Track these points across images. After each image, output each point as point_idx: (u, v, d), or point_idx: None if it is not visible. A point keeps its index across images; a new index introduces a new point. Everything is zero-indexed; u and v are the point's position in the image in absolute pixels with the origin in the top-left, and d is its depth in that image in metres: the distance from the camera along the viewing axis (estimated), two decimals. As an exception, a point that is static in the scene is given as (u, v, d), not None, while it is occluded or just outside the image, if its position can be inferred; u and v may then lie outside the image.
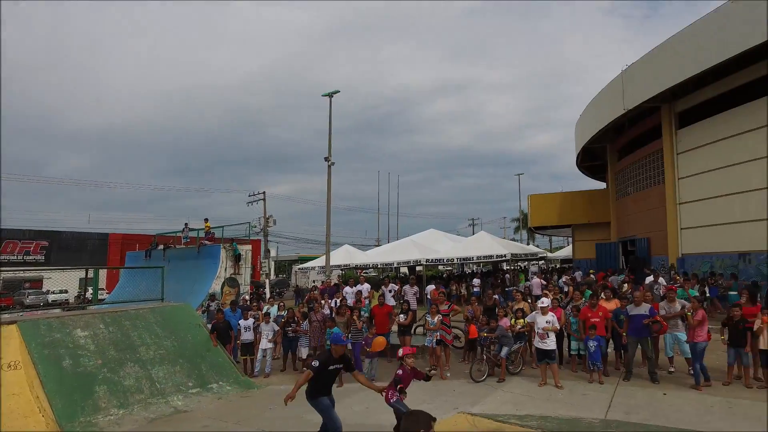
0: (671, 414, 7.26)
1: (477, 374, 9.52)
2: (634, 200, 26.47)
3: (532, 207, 36.21)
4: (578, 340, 9.79)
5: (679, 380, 8.99)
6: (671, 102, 21.16)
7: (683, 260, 20.62)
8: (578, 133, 31.06)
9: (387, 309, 12.11)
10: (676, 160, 21.20)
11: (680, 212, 21.04)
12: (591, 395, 8.36)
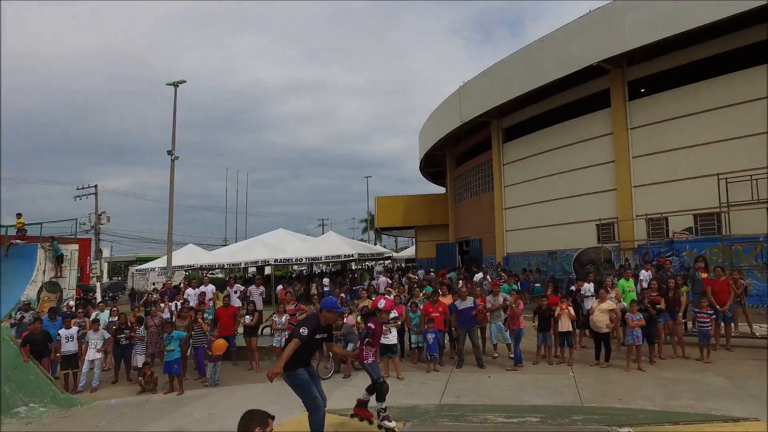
0: (494, 393, 8.26)
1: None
2: (469, 204, 29.27)
3: (379, 209, 37.85)
4: (417, 333, 10.55)
5: (502, 363, 10.24)
6: (499, 118, 23.89)
7: (508, 258, 23.40)
8: (421, 140, 33.36)
9: (232, 310, 11.84)
10: (502, 170, 23.98)
11: (505, 216, 23.85)
12: (429, 383, 9.11)
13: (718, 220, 15.53)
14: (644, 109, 17.73)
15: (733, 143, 15.59)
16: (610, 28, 16.84)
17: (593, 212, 18.81)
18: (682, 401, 7.35)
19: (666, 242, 16.58)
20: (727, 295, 10.36)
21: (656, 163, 17.28)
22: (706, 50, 16.34)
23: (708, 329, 9.69)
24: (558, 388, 8.29)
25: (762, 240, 14.81)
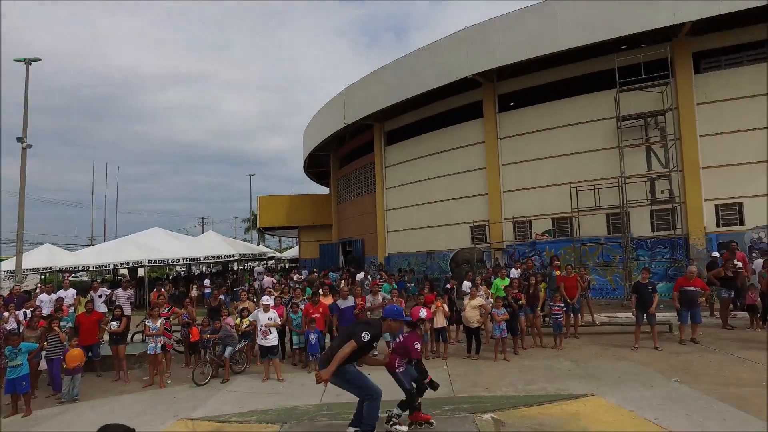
0: (372, 389, 8.54)
1: (200, 377, 9.39)
2: (352, 205, 29.71)
3: (262, 208, 36.95)
4: (299, 334, 10.52)
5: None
6: (382, 122, 24.59)
7: (389, 259, 24.15)
8: (306, 140, 33.18)
9: (95, 317, 10.82)
10: (384, 173, 24.71)
11: (387, 217, 24.60)
12: (309, 384, 9.08)
13: (571, 224, 17.54)
14: (512, 121, 19.41)
15: (582, 156, 17.68)
16: (482, 44, 18.19)
17: (467, 215, 20.18)
18: (538, 385, 8.21)
19: (529, 243, 18.33)
20: (576, 290, 11.76)
21: (522, 171, 19.00)
22: (564, 73, 18.37)
23: (560, 320, 10.94)
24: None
25: (603, 241, 17.02)
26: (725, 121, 16.05)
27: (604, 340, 11.40)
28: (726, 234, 15.65)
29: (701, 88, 16.36)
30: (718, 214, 16.18)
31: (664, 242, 16.58)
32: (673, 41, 16.21)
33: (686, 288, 10.54)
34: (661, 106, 16.25)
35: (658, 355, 9.69)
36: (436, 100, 21.56)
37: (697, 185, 16.09)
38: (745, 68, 16.13)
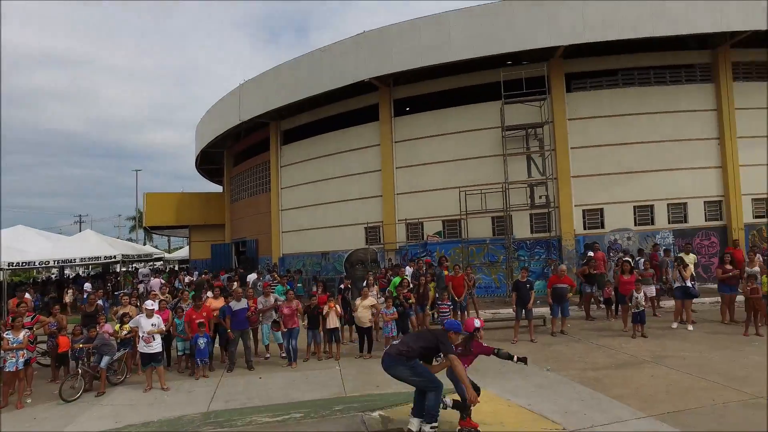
0: (264, 394, 8.40)
1: (69, 393, 8.53)
2: (246, 204, 28.86)
3: (149, 206, 34.65)
4: (185, 340, 10.04)
5: (275, 363, 10.44)
6: (278, 121, 24.18)
7: (284, 259, 23.81)
8: (199, 135, 31.62)
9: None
10: (279, 172, 24.33)
11: (282, 218, 24.24)
12: (197, 391, 8.78)
13: (460, 226, 18.55)
14: (407, 126, 20.07)
15: (470, 162, 18.78)
16: (380, 50, 18.61)
17: (362, 216, 20.52)
18: (427, 381, 8.62)
19: (421, 244, 19.06)
20: (463, 289, 12.49)
21: (415, 174, 19.71)
22: (456, 82, 19.38)
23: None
24: (325, 382, 8.86)
25: (488, 242, 18.22)
26: (590, 136, 18.07)
27: (488, 335, 12.14)
28: (591, 236, 17.56)
29: (572, 106, 18.23)
30: (585, 218, 18.13)
31: (541, 243, 18.16)
32: (550, 62, 17.83)
33: (557, 285, 11.64)
34: (540, 119, 17.78)
35: (534, 347, 10.61)
36: (334, 101, 21.67)
37: (568, 192, 17.84)
38: (604, 91, 18.44)
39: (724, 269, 11.76)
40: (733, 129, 18.10)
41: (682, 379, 7.79)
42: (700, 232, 18.03)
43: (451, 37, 17.42)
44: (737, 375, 7.86)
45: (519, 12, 16.94)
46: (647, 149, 18.01)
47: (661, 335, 10.95)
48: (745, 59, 18.73)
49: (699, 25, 16.32)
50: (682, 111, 18.25)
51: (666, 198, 18.05)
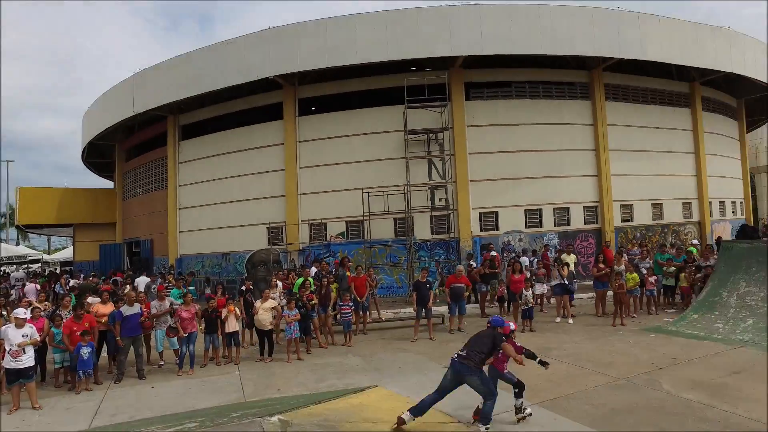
0: (156, 404, 7.95)
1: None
2: (141, 202, 27.04)
3: (23, 201, 31.08)
4: (63, 351, 9.16)
5: (170, 370, 9.92)
6: (177, 115, 22.94)
7: (181, 260, 22.63)
8: (86, 125, 29.03)
9: None
10: (177, 169, 23.09)
11: (180, 216, 23.03)
12: (77, 407, 8.08)
13: (363, 227, 18.82)
14: (312, 126, 19.97)
15: (374, 164, 19.15)
16: (286, 47, 18.35)
17: (265, 216, 20.08)
18: (328, 382, 8.67)
19: (325, 245, 19.07)
20: (365, 289, 12.70)
21: (319, 175, 19.67)
22: (362, 85, 19.67)
23: (350, 318, 11.67)
24: (223, 388, 8.61)
25: (390, 243, 18.69)
26: (487, 143, 19.20)
27: (389, 334, 12.54)
28: (486, 237, 18.64)
29: (470, 113, 19.25)
30: (481, 220, 19.22)
31: (441, 244, 18.94)
32: (451, 70, 18.66)
33: (454, 284, 12.23)
34: (440, 124, 18.55)
35: (433, 345, 11.07)
36: (237, 97, 21.00)
37: (467, 195, 18.81)
38: (500, 101, 19.75)
39: (598, 268, 13.07)
40: (606, 142, 20.23)
41: (562, 368, 8.57)
42: (580, 234, 19.86)
43: (357, 40, 17.64)
44: (605, 361, 8.82)
45: (423, 21, 17.58)
46: (537, 157, 19.51)
47: (547, 329, 11.92)
48: (614, 81, 21.06)
49: (578, 48, 18.18)
50: (566, 124, 20.02)
51: (552, 203, 19.67)
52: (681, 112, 23.24)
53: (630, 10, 19.18)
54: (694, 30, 20.71)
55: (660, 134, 22.16)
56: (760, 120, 32.37)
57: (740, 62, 22.22)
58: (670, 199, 22.35)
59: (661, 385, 7.42)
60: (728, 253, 12.18)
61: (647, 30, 19.24)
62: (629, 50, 18.79)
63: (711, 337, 10.06)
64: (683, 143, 23.10)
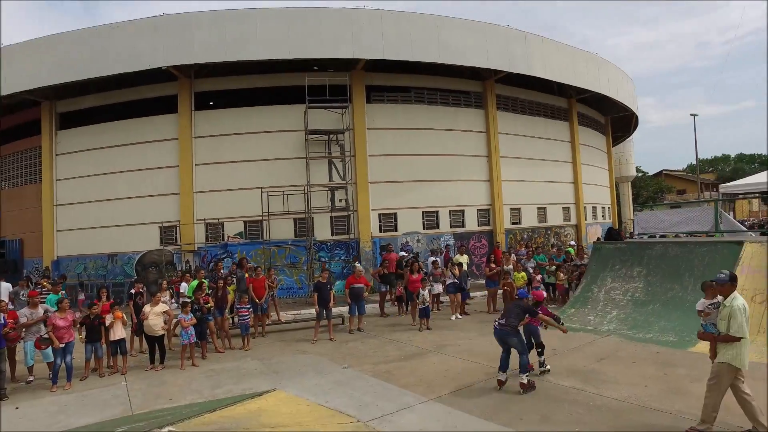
0: (21, 426, 7.11)
1: None
2: (8, 197, 24.04)
3: None
4: None
5: (42, 387, 8.97)
6: (54, 101, 20.78)
7: (58, 262, 20.50)
8: (-65, 108, 25.21)
9: None
10: (54, 161, 20.92)
11: (57, 214, 20.86)
12: None
13: (262, 227, 18.41)
14: (209, 121, 19.11)
15: (274, 163, 18.80)
16: (181, 37, 17.39)
17: (157, 215, 18.84)
18: (225, 388, 8.38)
19: (222, 245, 18.36)
20: (264, 290, 12.46)
21: (216, 172, 18.88)
22: (262, 81, 19.19)
23: (248, 321, 11.39)
24: (107, 402, 7.99)
25: (290, 243, 18.48)
26: (386, 145, 19.69)
27: (289, 336, 12.41)
28: (386, 238, 19.08)
29: (371, 116, 19.61)
30: (381, 221, 19.64)
31: (341, 245, 19.06)
32: (352, 72, 18.88)
33: (354, 285, 12.40)
34: (341, 125, 18.66)
35: (333, 346, 11.13)
36: (127, 86, 19.47)
37: (366, 197, 19.11)
38: (399, 106, 20.36)
39: (490, 267, 13.95)
40: (497, 149, 21.67)
41: (457, 364, 9.05)
42: (474, 236, 21.03)
43: (257, 35, 17.20)
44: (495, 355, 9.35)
45: (325, 21, 17.58)
46: (434, 161, 20.35)
47: (443, 327, 12.49)
48: (504, 93, 22.67)
49: (472, 60, 19.31)
50: (461, 130, 21.11)
51: (448, 205, 20.63)
52: (561, 125, 25.58)
53: (518, 29, 20.72)
54: (572, 53, 22.96)
55: (544, 144, 24.22)
56: (622, 136, 36.56)
57: (606, 85, 25.08)
58: (553, 204, 24.49)
59: (544, 375, 8.14)
60: (598, 254, 13.60)
61: (533, 49, 20.93)
62: (517, 65, 20.30)
63: (584, 329, 11.18)
64: (563, 153, 25.44)
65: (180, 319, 9.87)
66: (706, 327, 6.03)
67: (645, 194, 55.95)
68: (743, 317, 5.57)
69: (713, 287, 6.24)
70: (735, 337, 5.54)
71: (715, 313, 5.97)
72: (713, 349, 5.80)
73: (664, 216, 15.49)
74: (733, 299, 5.71)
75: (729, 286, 5.81)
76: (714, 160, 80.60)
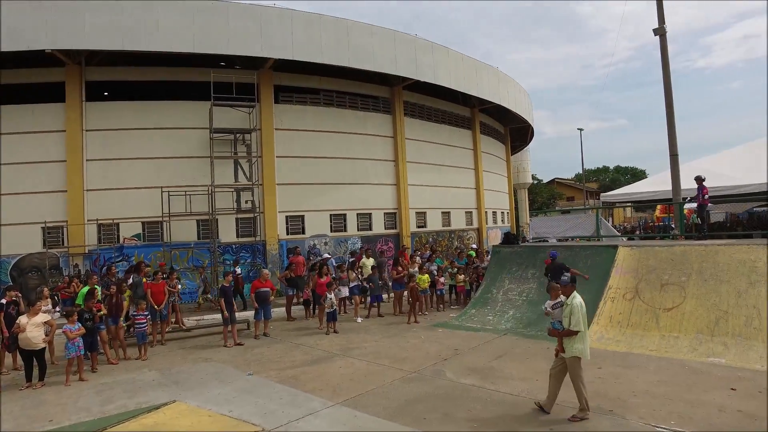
0: None
1: None
2: None
3: None
4: None
5: None
6: None
7: None
8: None
9: None
10: None
11: None
12: None
13: (162, 228, 17.41)
14: (103, 114, 17.67)
15: (176, 161, 17.87)
16: (70, 19, 15.87)
17: (40, 213, 17.01)
18: (118, 403, 7.79)
19: (117, 247, 17.09)
20: (163, 296, 11.80)
21: (110, 169, 17.53)
22: (165, 75, 18.17)
23: (145, 329, 10.71)
24: None
25: (193, 246, 17.66)
26: (295, 147, 19.55)
27: (191, 343, 11.86)
28: (293, 241, 18.88)
29: (279, 116, 19.34)
30: (288, 224, 19.40)
31: (247, 248, 18.54)
32: (261, 71, 18.48)
33: (260, 289, 12.15)
34: (248, 125, 18.20)
35: (237, 352, 10.81)
36: (4, 68, 17.44)
37: (274, 199, 18.79)
38: (308, 107, 20.32)
39: (397, 270, 14.30)
40: (404, 154, 22.32)
41: (362, 367, 9.20)
42: (381, 238, 21.43)
43: (160, 25, 16.24)
44: (400, 356, 9.74)
45: (234, 16, 17.03)
46: (342, 164, 20.49)
47: (349, 330, 12.60)
48: (412, 100, 23.40)
49: (381, 65, 19.77)
50: (370, 134, 21.46)
51: (356, 208, 20.86)
52: (465, 133, 26.87)
53: (426, 39, 21.48)
54: (475, 65, 24.22)
55: (448, 151, 25.29)
56: (521, 145, 39.17)
57: (506, 98, 26.81)
58: (457, 208, 25.63)
59: (446, 374, 8.51)
60: (497, 257, 14.49)
61: (439, 58, 21.81)
62: (425, 74, 21.04)
63: (484, 329, 11.86)
64: (466, 160, 26.72)
65: (65, 330, 9.04)
66: (554, 324, 6.75)
67: (540, 200, 60.27)
68: (580, 313, 6.35)
69: (556, 289, 6.97)
70: (574, 331, 6.31)
71: (559, 311, 6.68)
72: (560, 344, 6.51)
73: (555, 222, 16.84)
74: (573, 298, 6.49)
75: (570, 287, 6.61)
76: (597, 171, 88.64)
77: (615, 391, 7.26)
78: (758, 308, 9.13)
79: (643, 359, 8.81)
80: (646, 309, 10.31)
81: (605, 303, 10.92)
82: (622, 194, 19.86)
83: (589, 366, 8.07)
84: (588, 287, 11.61)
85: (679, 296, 10.15)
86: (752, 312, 9.16)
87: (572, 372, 6.41)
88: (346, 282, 14.25)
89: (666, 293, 10.37)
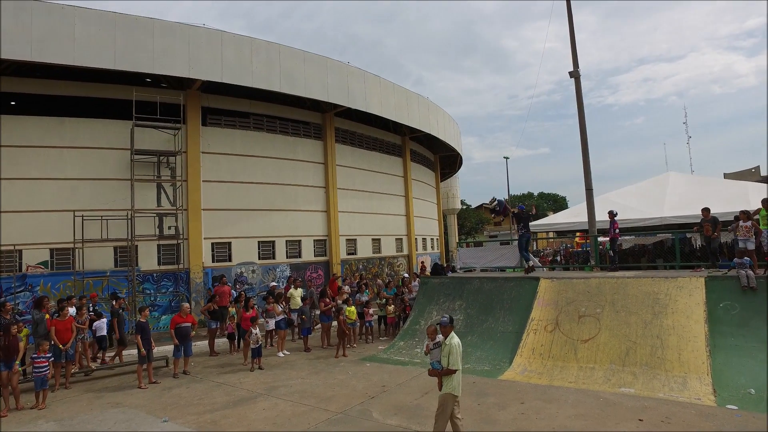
0: None
1: None
2: None
3: None
4: None
5: None
6: None
7: None
8: None
9: None
10: None
11: None
12: None
13: (74, 255, 16.11)
14: (7, 128, 16.18)
15: (91, 183, 16.72)
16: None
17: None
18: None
19: (18, 276, 15.58)
20: (71, 333, 10.80)
21: (14, 190, 16.04)
22: (81, 90, 17.03)
23: (46, 373, 9.63)
24: None
25: (109, 274, 16.46)
26: (222, 171, 18.93)
27: (100, 385, 10.94)
28: (219, 269, 18.11)
29: (206, 139, 18.68)
30: (214, 251, 18.60)
31: (169, 276, 17.54)
32: (188, 92, 17.85)
33: (181, 324, 11.47)
34: (173, 147, 17.42)
35: (153, 394, 10.04)
36: None
37: (199, 224, 18.00)
38: (237, 131, 19.81)
39: (324, 302, 14.04)
40: (334, 181, 22.24)
41: (287, 409, 8.83)
42: (311, 266, 21.07)
43: (75, 37, 15.25)
44: (327, 395, 9.47)
45: (159, 34, 16.38)
46: (272, 190, 20.06)
47: (275, 365, 12.14)
48: (343, 126, 23.49)
49: (313, 92, 19.74)
50: (300, 160, 21.22)
51: (285, 235, 20.42)
52: (395, 160, 27.26)
53: (358, 67, 21.73)
54: (405, 94, 24.76)
55: (379, 178, 25.51)
56: (450, 172, 40.34)
57: (435, 126, 27.57)
58: (387, 235, 25.78)
59: (372, 414, 8.35)
60: (425, 288, 14.61)
61: (370, 87, 22.08)
62: (356, 101, 21.21)
63: (412, 362, 11.81)
64: (397, 187, 27.07)
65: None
66: (434, 365, 6.87)
67: (468, 225, 61.99)
68: (458, 353, 6.58)
69: (433, 329, 7.16)
70: (452, 370, 6.52)
71: (437, 351, 6.83)
72: (440, 383, 6.67)
73: (482, 253, 17.30)
74: (451, 338, 6.69)
75: (449, 328, 6.80)
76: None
77: (536, 428, 7.43)
78: (661, 338, 9.78)
79: (562, 392, 9.12)
80: (565, 340, 10.74)
81: (528, 335, 11.26)
82: (545, 224, 20.87)
83: (512, 401, 8.17)
84: (512, 318, 11.99)
85: (595, 327, 10.67)
86: (656, 342, 9.79)
87: (444, 407, 6.53)
88: (272, 314, 13.79)
89: (583, 325, 10.87)
